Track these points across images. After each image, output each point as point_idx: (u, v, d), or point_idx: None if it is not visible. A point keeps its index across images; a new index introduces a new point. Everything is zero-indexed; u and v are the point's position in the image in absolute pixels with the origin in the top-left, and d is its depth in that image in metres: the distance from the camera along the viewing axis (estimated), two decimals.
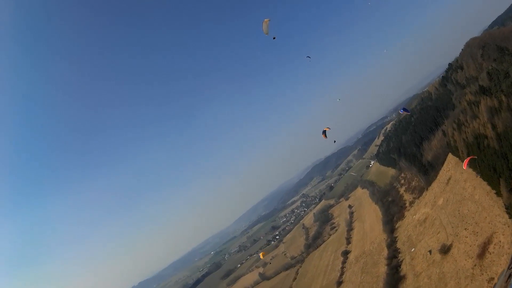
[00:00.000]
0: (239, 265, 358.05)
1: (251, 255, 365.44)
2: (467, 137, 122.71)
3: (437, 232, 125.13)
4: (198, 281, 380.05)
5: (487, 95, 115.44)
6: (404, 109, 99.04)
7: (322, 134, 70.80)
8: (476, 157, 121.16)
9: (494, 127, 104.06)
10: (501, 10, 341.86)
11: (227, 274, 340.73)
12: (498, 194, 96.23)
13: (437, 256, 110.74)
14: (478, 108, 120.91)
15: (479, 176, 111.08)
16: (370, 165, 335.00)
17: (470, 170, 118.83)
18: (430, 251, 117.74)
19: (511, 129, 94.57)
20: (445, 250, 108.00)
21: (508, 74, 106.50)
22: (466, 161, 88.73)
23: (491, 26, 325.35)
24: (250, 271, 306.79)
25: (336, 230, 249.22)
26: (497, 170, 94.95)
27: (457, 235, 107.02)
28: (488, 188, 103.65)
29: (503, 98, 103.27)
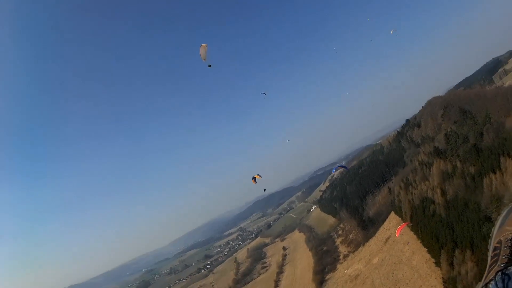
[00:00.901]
0: (167, 287, 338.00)
1: (180, 280, 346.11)
2: (413, 199, 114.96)
3: None
4: None
5: (441, 158, 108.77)
6: (342, 166, 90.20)
7: (252, 179, 63.01)
8: (411, 224, 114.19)
9: (443, 193, 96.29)
10: (470, 71, 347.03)
11: None
12: (438, 264, 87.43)
13: None
14: (430, 170, 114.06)
15: (420, 241, 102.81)
16: (312, 210, 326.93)
17: (412, 233, 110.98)
18: None
19: (462, 197, 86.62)
20: None
21: (468, 139, 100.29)
22: (399, 228, 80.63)
23: (458, 86, 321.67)
24: None
25: (267, 270, 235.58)
26: (439, 240, 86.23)
27: None
28: (428, 256, 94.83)
29: (458, 163, 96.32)
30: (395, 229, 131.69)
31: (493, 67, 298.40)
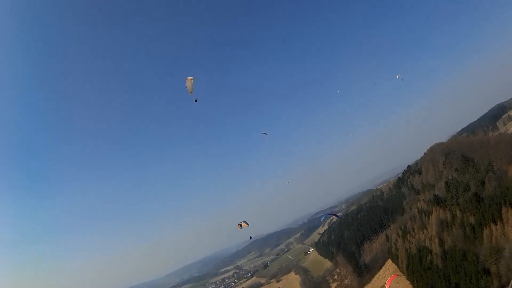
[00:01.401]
0: None
1: None
2: (410, 248, 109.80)
3: None
4: None
5: (441, 206, 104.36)
6: (333, 214, 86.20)
7: (238, 225, 60.96)
8: (401, 274, 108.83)
9: (441, 242, 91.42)
10: (474, 117, 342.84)
11: None
12: None
13: None
14: (429, 218, 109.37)
15: None
16: (309, 252, 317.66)
17: (408, 282, 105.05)
18: None
19: (460, 248, 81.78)
20: None
21: (469, 188, 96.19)
22: (389, 280, 76.08)
23: (461, 132, 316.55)
24: None
25: None
26: None
27: None
28: None
29: (458, 212, 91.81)
30: (391, 276, 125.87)
31: (497, 113, 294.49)
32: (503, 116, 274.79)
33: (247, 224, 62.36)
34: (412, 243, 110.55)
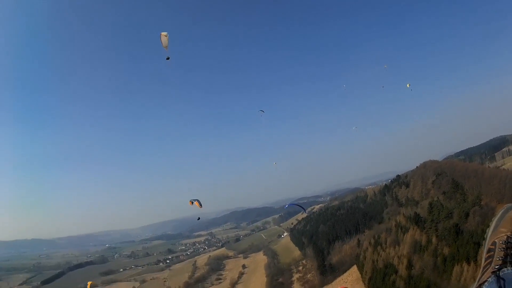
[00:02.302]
0: (121, 270, 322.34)
1: (136, 266, 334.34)
2: (377, 261, 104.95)
3: None
4: (80, 266, 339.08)
5: (419, 227, 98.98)
6: (299, 205, 79.49)
7: (190, 201, 55.54)
8: None
9: (410, 265, 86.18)
10: (474, 143, 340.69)
11: (107, 273, 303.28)
12: None
13: None
14: (404, 235, 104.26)
15: None
16: (283, 236, 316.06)
17: None
18: None
19: (426, 277, 76.58)
20: None
21: (451, 216, 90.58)
22: None
23: (458, 154, 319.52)
24: (128, 281, 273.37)
25: (220, 283, 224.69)
26: None
27: None
28: None
29: (434, 239, 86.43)
30: (352, 284, 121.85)
31: (498, 144, 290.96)
32: (503, 149, 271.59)
33: (200, 205, 57.23)
34: (381, 256, 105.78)
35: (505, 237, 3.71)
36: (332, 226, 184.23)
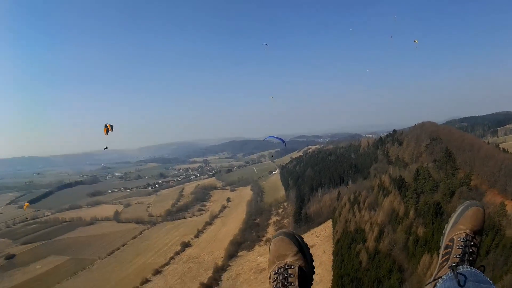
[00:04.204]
0: (109, 191, 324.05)
1: (125, 188, 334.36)
2: (350, 222, 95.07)
3: None
4: (69, 185, 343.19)
5: (400, 193, 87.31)
6: (280, 139, 67.20)
7: (104, 127, 43.29)
8: None
9: (380, 238, 75.77)
10: (480, 112, 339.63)
11: (94, 194, 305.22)
12: None
13: None
14: (383, 200, 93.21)
15: (331, 273, 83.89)
16: (274, 172, 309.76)
17: (332, 258, 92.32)
18: None
19: (391, 259, 66.17)
20: None
21: (436, 189, 78.33)
22: None
23: (461, 120, 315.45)
24: (113, 203, 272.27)
25: (201, 215, 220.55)
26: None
27: None
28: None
29: (412, 213, 74.88)
30: (322, 242, 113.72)
31: (503, 119, 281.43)
32: (506, 125, 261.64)
33: (111, 128, 45.97)
34: (356, 218, 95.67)
35: (464, 234, 3.70)
36: (319, 172, 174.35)
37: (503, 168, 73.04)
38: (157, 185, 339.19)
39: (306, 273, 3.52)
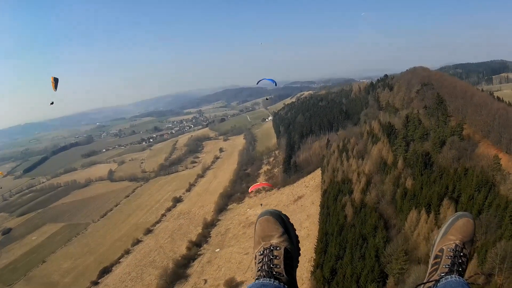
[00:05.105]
0: (104, 150, 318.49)
1: (119, 145, 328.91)
2: (337, 172, 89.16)
3: (248, 247, 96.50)
4: (64, 148, 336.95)
5: (389, 141, 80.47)
6: (271, 80, 59.95)
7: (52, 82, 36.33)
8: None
9: (367, 189, 69.92)
10: (475, 59, 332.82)
11: (89, 154, 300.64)
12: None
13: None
14: (372, 148, 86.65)
15: (317, 227, 79.11)
16: (267, 120, 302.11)
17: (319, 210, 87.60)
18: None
19: (377, 215, 60.50)
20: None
21: (426, 137, 71.36)
22: (256, 185, 59.25)
23: (456, 66, 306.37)
24: (107, 162, 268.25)
25: (194, 167, 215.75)
26: (327, 246, 62.03)
27: None
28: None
29: (400, 162, 68.26)
30: (311, 192, 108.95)
31: (498, 68, 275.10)
32: (501, 74, 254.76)
33: (55, 83, 39.51)
34: (343, 167, 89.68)
35: (454, 245, 3.71)
36: (309, 118, 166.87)
37: (497, 117, 65.69)
38: (151, 140, 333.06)
39: (291, 255, 3.48)
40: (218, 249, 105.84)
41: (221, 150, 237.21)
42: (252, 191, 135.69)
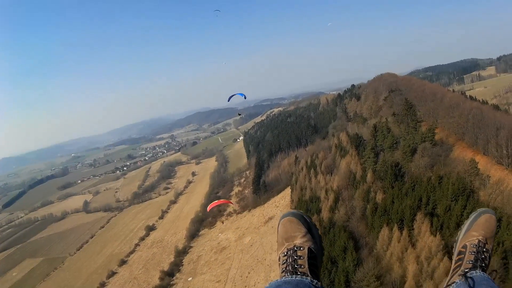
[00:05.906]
0: (79, 181, 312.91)
1: (94, 176, 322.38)
2: (305, 189, 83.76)
3: (220, 274, 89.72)
4: (41, 181, 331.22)
5: (358, 153, 75.71)
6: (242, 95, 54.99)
7: None
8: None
9: (334, 208, 64.42)
10: (444, 60, 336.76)
11: (64, 186, 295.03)
12: None
13: None
14: (341, 160, 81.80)
15: None
16: (238, 140, 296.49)
17: None
18: None
19: (347, 234, 54.91)
20: None
21: (396, 146, 66.88)
22: (215, 203, 54.52)
23: (426, 70, 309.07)
24: (83, 194, 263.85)
25: (167, 193, 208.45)
26: None
27: None
28: None
29: (370, 175, 63.17)
30: (283, 210, 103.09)
31: (469, 67, 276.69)
32: (472, 73, 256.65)
33: None
34: (312, 183, 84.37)
35: (477, 241, 3.73)
36: (277, 135, 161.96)
37: (470, 118, 61.82)
38: (125, 168, 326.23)
39: (315, 254, 3.42)
40: (190, 278, 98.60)
41: (193, 174, 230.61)
42: (215, 213, 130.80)
